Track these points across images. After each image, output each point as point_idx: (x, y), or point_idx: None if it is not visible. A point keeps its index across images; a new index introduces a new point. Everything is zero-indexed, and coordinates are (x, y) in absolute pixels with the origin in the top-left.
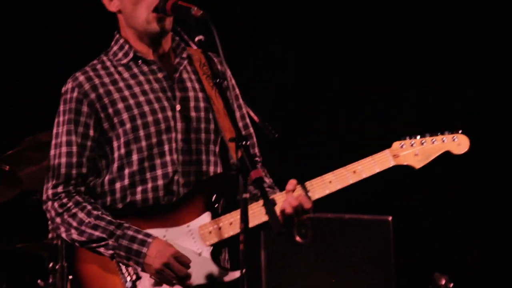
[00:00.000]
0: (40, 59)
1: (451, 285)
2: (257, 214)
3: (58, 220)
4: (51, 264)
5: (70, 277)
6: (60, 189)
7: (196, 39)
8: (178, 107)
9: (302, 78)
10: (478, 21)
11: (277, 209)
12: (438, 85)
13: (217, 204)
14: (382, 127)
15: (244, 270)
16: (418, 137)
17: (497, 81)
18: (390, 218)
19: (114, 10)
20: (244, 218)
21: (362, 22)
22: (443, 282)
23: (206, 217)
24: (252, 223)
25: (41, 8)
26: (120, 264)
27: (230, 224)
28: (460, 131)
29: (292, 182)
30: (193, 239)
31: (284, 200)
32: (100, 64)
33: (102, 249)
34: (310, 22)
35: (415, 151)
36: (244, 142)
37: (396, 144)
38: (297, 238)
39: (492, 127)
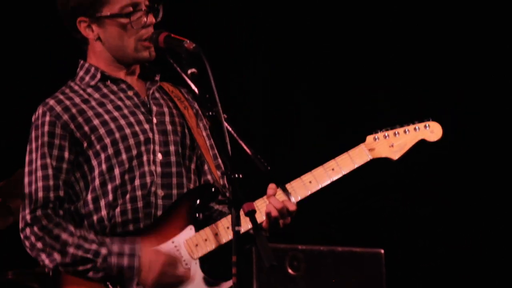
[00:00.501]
0: (29, 91)
1: None
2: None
3: (39, 245)
4: None
5: None
6: (38, 212)
7: (189, 71)
8: (155, 120)
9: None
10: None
11: (262, 214)
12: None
13: (198, 215)
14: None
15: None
16: (390, 129)
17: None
18: (382, 250)
19: (92, 38)
20: (237, 250)
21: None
22: None
23: (189, 230)
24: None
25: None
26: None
27: (216, 235)
28: (430, 119)
29: (271, 187)
30: (180, 254)
31: (267, 204)
32: (68, 89)
33: (91, 273)
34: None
35: (390, 143)
36: (237, 175)
37: (369, 138)
38: (289, 271)
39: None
